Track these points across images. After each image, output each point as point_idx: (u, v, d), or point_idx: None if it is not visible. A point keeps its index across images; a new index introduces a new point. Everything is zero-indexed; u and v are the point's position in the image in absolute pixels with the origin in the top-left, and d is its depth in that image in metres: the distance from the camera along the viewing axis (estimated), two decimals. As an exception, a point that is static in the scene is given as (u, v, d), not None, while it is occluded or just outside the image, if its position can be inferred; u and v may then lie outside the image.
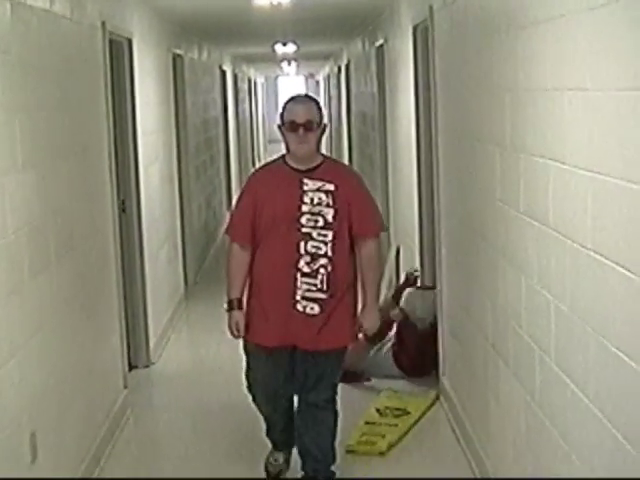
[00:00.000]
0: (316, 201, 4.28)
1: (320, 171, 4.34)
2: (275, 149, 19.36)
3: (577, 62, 2.88)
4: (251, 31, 10.81)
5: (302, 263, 4.27)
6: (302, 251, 4.27)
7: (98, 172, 5.44)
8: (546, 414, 3.39)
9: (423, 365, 6.17)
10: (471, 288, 4.80)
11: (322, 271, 4.28)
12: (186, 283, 9.14)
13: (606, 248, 2.68)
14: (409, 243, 7.54)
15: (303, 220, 4.27)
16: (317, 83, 29.93)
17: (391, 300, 6.85)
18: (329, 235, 4.28)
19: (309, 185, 4.30)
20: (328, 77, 21.17)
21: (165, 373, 6.73)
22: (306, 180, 4.31)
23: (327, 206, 4.29)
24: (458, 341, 5.28)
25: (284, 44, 13.16)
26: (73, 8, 4.93)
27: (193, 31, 10.15)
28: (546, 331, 3.32)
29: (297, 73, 29.45)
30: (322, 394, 4.46)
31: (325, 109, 18.99)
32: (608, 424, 2.71)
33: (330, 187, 4.31)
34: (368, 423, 5.36)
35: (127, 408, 5.77)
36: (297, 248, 4.27)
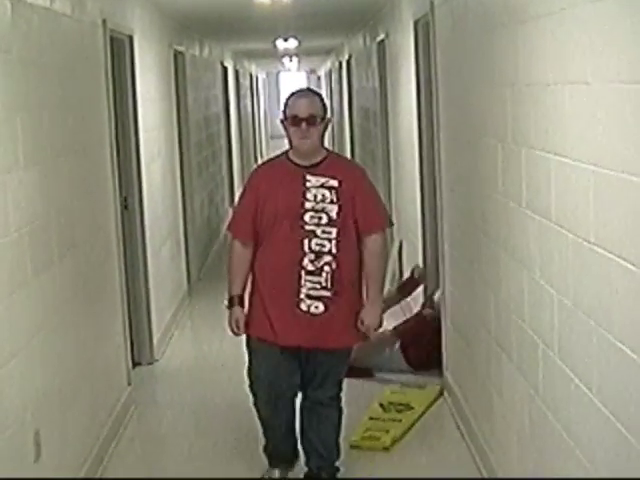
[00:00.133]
0: (319, 198, 4.25)
1: (323, 166, 4.30)
2: (277, 145, 19.39)
3: (578, 56, 2.87)
4: (252, 27, 10.80)
5: (306, 261, 4.23)
6: (306, 249, 4.23)
7: (100, 169, 5.44)
8: (549, 408, 3.39)
9: (439, 361, 6.11)
10: (474, 282, 4.80)
11: (326, 269, 4.24)
12: (189, 280, 9.13)
13: (609, 241, 2.68)
14: (411, 238, 7.54)
15: (307, 217, 4.24)
16: (318, 78, 29.87)
17: (395, 294, 6.85)
18: (333, 232, 4.25)
19: (312, 181, 4.26)
20: (329, 72, 21.14)
21: (169, 370, 6.73)
22: (309, 176, 4.27)
23: (331, 203, 4.25)
24: (461, 336, 5.28)
25: (285, 40, 13.13)
26: (74, 6, 4.93)
27: (194, 27, 10.14)
28: (549, 325, 3.32)
29: (298, 69, 29.42)
30: (327, 392, 4.45)
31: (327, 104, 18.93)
32: (611, 417, 2.71)
33: (334, 183, 4.26)
34: (372, 418, 5.36)
35: (131, 405, 5.77)
36: (301, 246, 4.23)
